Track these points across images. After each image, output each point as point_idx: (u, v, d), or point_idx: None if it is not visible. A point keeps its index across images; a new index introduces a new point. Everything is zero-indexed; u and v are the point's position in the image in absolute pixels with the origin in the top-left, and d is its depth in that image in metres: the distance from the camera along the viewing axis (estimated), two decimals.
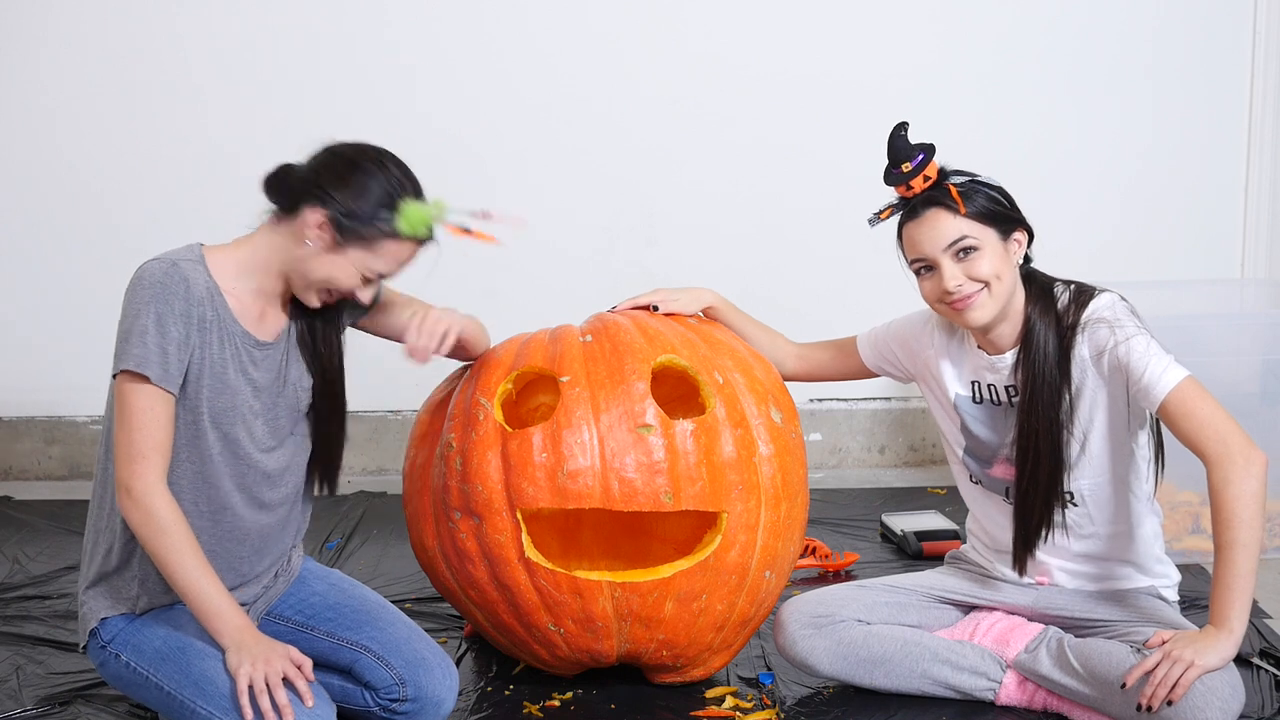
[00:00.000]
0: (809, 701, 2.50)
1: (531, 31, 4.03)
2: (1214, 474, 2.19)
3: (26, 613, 3.02)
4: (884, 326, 2.64)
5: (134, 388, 2.15)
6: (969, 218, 2.30)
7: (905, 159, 2.32)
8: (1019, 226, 2.36)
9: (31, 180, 4.10)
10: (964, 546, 2.65)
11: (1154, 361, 2.26)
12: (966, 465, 2.53)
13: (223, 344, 2.23)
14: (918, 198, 2.34)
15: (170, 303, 2.15)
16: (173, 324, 2.15)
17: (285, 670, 2.13)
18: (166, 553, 2.14)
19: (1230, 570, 2.17)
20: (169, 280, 2.16)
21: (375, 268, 2.23)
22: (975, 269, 2.31)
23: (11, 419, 4.22)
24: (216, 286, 2.23)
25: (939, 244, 2.32)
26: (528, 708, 2.50)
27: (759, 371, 2.54)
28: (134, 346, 2.14)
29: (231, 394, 2.24)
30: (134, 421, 2.15)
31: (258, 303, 2.28)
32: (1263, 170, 4.10)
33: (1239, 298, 3.93)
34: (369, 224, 2.19)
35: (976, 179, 2.34)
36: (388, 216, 2.19)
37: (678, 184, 4.09)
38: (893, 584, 2.56)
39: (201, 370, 2.21)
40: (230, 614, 2.16)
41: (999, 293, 2.33)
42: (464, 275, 3.98)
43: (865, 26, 4.05)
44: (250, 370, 2.28)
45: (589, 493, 2.35)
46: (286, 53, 4.02)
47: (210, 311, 2.21)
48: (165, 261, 2.19)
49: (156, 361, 2.14)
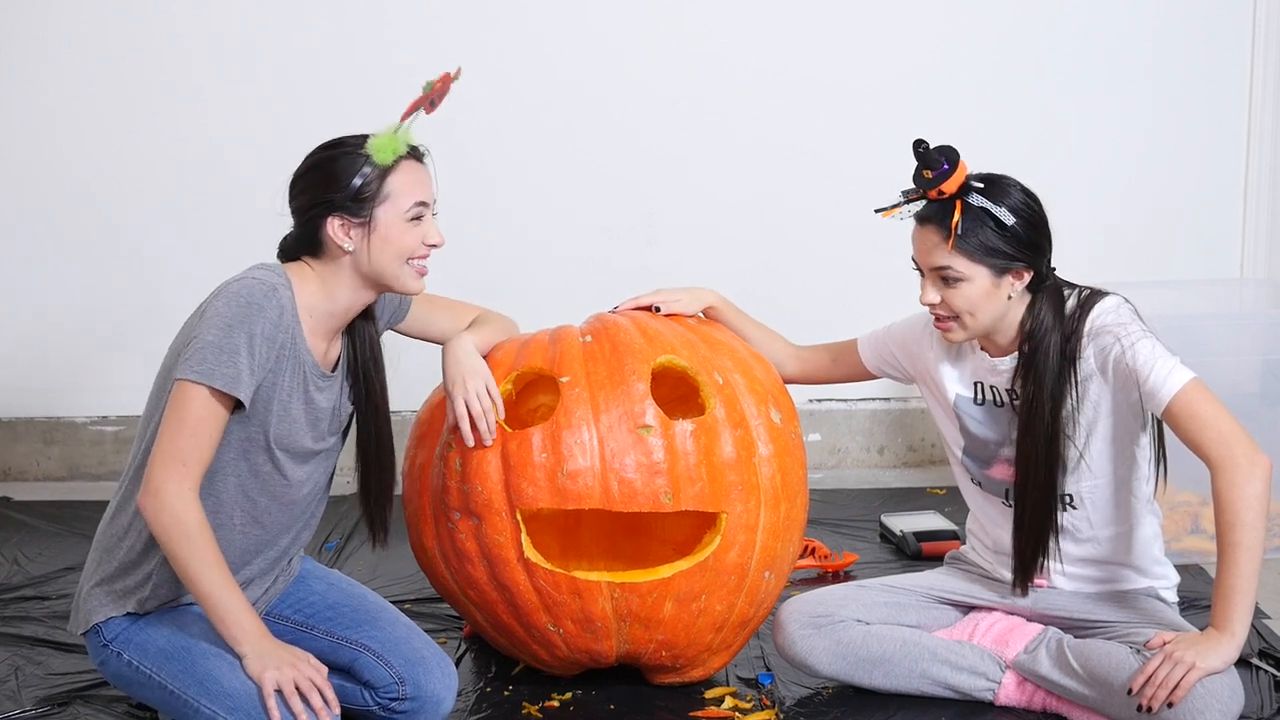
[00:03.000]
0: (808, 702, 2.49)
1: (531, 31, 4.02)
2: (1218, 478, 2.19)
3: (25, 613, 3.02)
4: (884, 329, 2.64)
5: (204, 398, 2.14)
6: (956, 251, 2.29)
7: (926, 166, 2.30)
8: (1021, 266, 2.32)
9: (30, 180, 4.09)
10: (963, 547, 2.65)
11: (1159, 364, 2.26)
12: (966, 466, 2.53)
13: (293, 374, 2.24)
14: (928, 205, 2.33)
15: (263, 327, 2.17)
16: (260, 348, 2.17)
17: (312, 676, 2.14)
18: (189, 559, 2.13)
19: (1233, 573, 2.17)
20: (267, 305, 2.17)
21: (405, 205, 2.24)
22: (952, 300, 2.32)
23: (10, 420, 4.22)
24: (296, 315, 2.24)
25: (926, 262, 2.34)
26: (527, 708, 2.50)
27: (759, 372, 2.54)
28: (224, 365, 2.14)
29: (291, 422, 2.26)
30: (190, 428, 2.14)
31: (325, 327, 2.30)
32: (1262, 170, 4.10)
33: (1238, 298, 3.93)
34: (365, 186, 2.23)
35: (992, 211, 2.27)
36: (369, 168, 2.23)
37: (678, 184, 4.09)
38: (891, 584, 2.55)
39: (271, 396, 2.22)
40: (249, 622, 2.16)
41: (972, 326, 2.34)
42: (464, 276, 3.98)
43: (865, 26, 4.04)
44: (315, 399, 2.29)
45: (589, 493, 2.35)
46: (286, 53, 4.01)
47: (289, 340, 2.22)
48: (265, 285, 2.19)
49: (247, 385, 2.15)
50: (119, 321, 4.12)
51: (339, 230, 2.23)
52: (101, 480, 4.17)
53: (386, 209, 2.23)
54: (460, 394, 2.38)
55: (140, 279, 4.11)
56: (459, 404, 2.37)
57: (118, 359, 4.13)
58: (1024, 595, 2.45)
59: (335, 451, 2.42)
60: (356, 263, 2.26)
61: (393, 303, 2.48)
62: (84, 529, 3.59)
